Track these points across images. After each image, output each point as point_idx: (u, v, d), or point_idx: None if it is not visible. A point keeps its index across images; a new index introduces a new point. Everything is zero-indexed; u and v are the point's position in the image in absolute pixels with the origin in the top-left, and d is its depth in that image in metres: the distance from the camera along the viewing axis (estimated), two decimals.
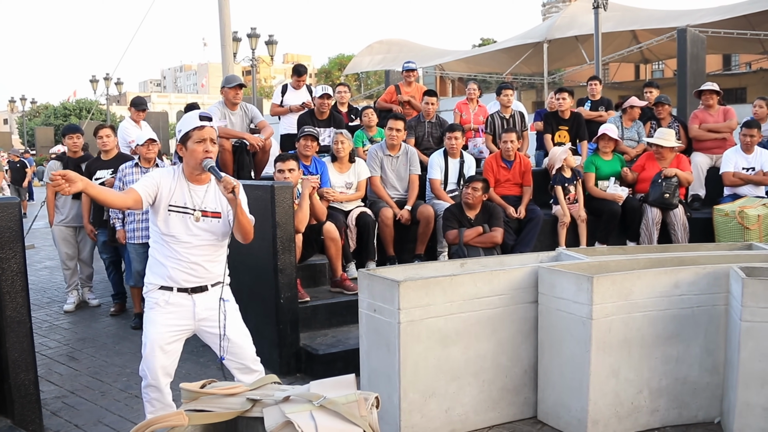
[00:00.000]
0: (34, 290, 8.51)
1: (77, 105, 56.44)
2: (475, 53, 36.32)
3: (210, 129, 3.55)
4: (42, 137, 37.00)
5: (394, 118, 7.22)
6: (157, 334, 3.58)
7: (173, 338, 3.63)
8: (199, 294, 3.63)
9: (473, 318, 4.20)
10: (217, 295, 3.66)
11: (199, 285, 3.63)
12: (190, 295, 3.62)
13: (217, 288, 3.68)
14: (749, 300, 3.87)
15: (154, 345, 3.58)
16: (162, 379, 3.62)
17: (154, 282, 3.63)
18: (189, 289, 3.61)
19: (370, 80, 48.82)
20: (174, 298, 3.60)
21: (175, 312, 3.61)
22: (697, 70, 11.67)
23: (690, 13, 26.41)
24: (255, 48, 27.18)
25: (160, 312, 3.60)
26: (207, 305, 3.64)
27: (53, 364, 5.81)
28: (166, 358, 3.61)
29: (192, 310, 3.63)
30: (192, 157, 3.52)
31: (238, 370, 3.73)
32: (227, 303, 3.68)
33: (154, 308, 3.61)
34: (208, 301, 3.65)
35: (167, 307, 3.60)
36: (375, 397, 2.31)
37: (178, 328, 3.63)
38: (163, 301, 3.60)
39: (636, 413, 4.21)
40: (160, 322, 3.59)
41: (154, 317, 3.60)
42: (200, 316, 3.64)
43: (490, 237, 6.37)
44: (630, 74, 39.24)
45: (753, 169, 7.61)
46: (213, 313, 3.64)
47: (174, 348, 3.66)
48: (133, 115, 9.02)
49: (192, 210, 3.57)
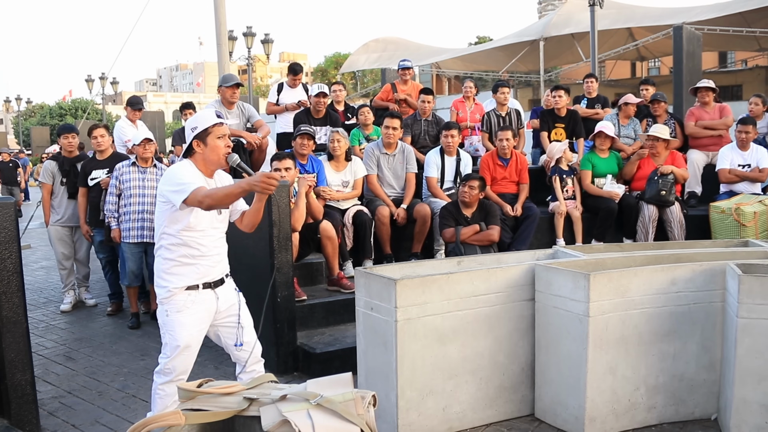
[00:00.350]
0: (30, 290, 8.49)
1: (73, 104, 56.32)
2: (472, 51, 36.27)
3: (226, 126, 3.70)
4: (37, 137, 36.95)
5: (390, 116, 7.23)
6: (190, 336, 3.66)
7: (200, 339, 3.74)
8: (220, 287, 3.76)
9: (470, 316, 4.21)
10: (231, 286, 3.85)
11: (221, 277, 3.77)
12: (214, 290, 3.72)
13: (229, 279, 3.85)
14: (746, 297, 3.88)
15: (189, 347, 3.67)
16: (184, 377, 3.74)
17: (177, 285, 3.64)
18: (212, 283, 3.71)
19: (366, 79, 48.79)
20: (200, 296, 3.68)
21: (201, 311, 3.69)
22: (693, 67, 11.66)
23: (686, 11, 26.41)
24: (251, 47, 27.15)
25: (187, 314, 3.65)
26: (226, 297, 3.78)
27: (50, 364, 5.80)
28: (192, 357, 3.74)
29: (215, 305, 3.73)
30: (214, 153, 3.63)
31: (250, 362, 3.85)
32: (240, 293, 3.88)
33: (182, 311, 3.64)
34: (226, 293, 3.79)
35: (194, 307, 3.66)
36: (372, 396, 2.31)
37: (206, 325, 3.74)
38: (190, 301, 3.65)
39: (633, 410, 4.22)
40: (190, 324, 3.65)
41: (183, 320, 3.64)
42: (220, 308, 3.75)
43: (486, 235, 6.38)
44: (626, 72, 39.25)
45: (749, 165, 7.61)
46: (230, 305, 3.79)
47: (198, 347, 3.77)
48: (130, 115, 9.00)
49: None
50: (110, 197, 6.73)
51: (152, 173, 6.75)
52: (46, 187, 7.53)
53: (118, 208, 6.69)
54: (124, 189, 6.67)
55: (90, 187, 7.21)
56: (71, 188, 7.46)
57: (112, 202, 6.71)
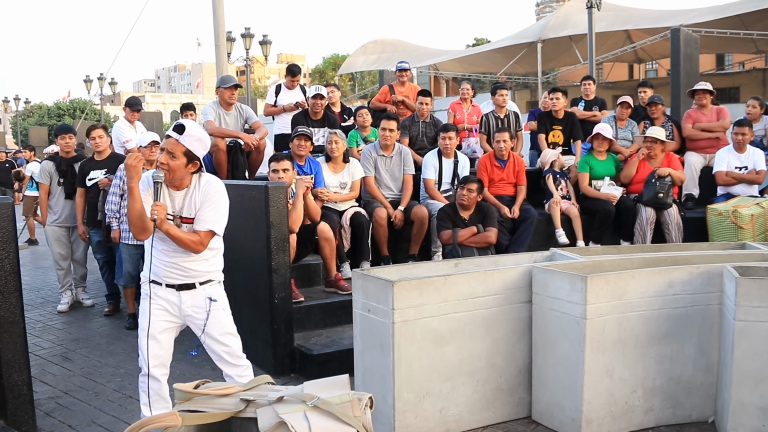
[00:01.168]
0: (27, 290, 8.48)
1: (71, 105, 56.25)
2: (469, 53, 36.30)
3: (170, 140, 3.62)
4: (36, 137, 36.83)
5: (387, 118, 7.22)
6: (151, 324, 3.70)
7: (163, 328, 3.76)
8: (186, 291, 3.76)
9: (467, 318, 4.21)
10: (205, 293, 3.79)
11: (185, 283, 3.75)
12: (178, 292, 3.75)
13: (206, 286, 3.80)
14: (743, 299, 3.88)
15: (145, 333, 3.71)
16: (157, 369, 3.74)
17: (146, 275, 3.78)
18: (176, 286, 3.75)
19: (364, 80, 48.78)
20: (162, 292, 3.75)
21: (162, 304, 3.75)
22: (690, 69, 11.67)
23: (683, 13, 26.46)
24: (249, 48, 27.14)
25: (150, 303, 3.72)
26: (193, 303, 3.77)
27: (47, 365, 5.79)
28: (158, 348, 3.74)
29: (179, 307, 3.76)
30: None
31: (219, 362, 3.87)
32: (214, 303, 3.79)
33: (145, 299, 3.75)
34: (194, 299, 3.77)
35: (156, 299, 3.74)
36: (369, 398, 2.31)
37: (167, 319, 3.77)
38: (153, 293, 3.73)
39: (630, 413, 4.22)
40: (152, 312, 3.70)
41: (145, 307, 3.73)
42: (186, 312, 3.77)
43: (484, 237, 6.38)
44: (624, 74, 39.27)
45: (746, 168, 7.62)
46: (198, 311, 3.78)
47: (165, 338, 3.79)
48: (128, 116, 9.00)
49: (172, 216, 3.70)
50: (113, 197, 6.72)
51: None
52: (43, 188, 7.53)
53: (120, 209, 6.69)
54: (127, 190, 6.64)
55: (88, 187, 7.20)
56: (68, 188, 7.45)
57: (114, 202, 6.70)
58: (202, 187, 3.72)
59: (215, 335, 3.79)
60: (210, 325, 3.77)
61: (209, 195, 3.70)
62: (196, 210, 3.68)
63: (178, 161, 3.60)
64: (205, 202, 3.68)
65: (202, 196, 3.69)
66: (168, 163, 3.59)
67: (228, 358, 3.84)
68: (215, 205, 3.71)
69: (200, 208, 3.67)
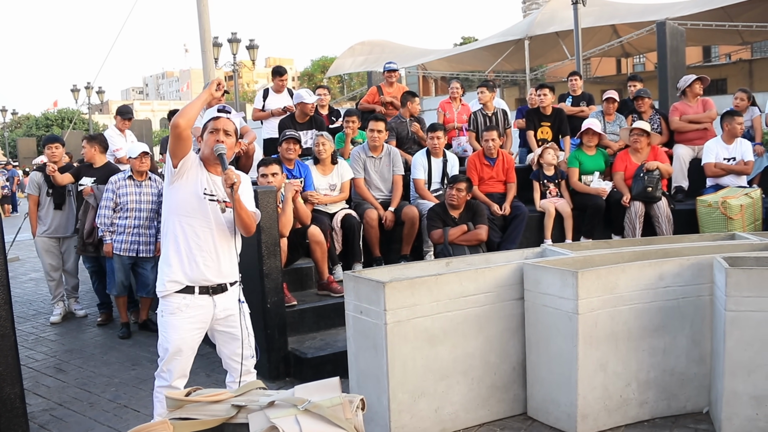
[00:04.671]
0: (19, 303, 8.45)
1: (59, 115, 56.13)
2: (457, 52, 36.34)
3: (225, 120, 3.61)
4: (24, 148, 36.70)
5: (375, 119, 7.21)
6: (182, 340, 3.60)
7: (192, 342, 3.65)
8: (219, 295, 3.66)
9: (460, 317, 4.21)
10: (235, 296, 3.73)
11: (220, 284, 3.65)
12: (211, 297, 3.64)
13: (235, 288, 3.74)
14: (733, 290, 3.89)
15: (180, 350, 3.61)
16: (182, 381, 3.67)
17: (173, 283, 3.60)
18: (210, 289, 3.62)
19: (353, 82, 48.78)
20: (195, 300, 3.60)
21: (195, 315, 3.61)
22: (677, 62, 11.71)
23: (669, 6, 26.57)
24: (236, 53, 27.13)
25: (180, 317, 3.59)
26: (226, 306, 3.69)
27: (40, 377, 5.77)
28: (185, 361, 3.66)
29: (212, 312, 3.65)
30: (206, 146, 3.61)
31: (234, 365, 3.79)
32: (243, 305, 3.74)
33: (175, 314, 3.59)
34: (227, 302, 3.69)
35: (188, 311, 3.60)
36: (360, 400, 2.31)
37: (200, 330, 3.67)
38: (184, 305, 3.59)
39: (625, 406, 4.23)
40: (184, 328, 3.60)
41: (176, 323, 3.59)
42: (218, 317, 3.68)
43: (474, 234, 6.38)
44: (611, 68, 39.40)
45: (734, 159, 7.64)
46: (231, 314, 3.70)
47: (192, 350, 3.69)
48: (119, 124, 8.99)
49: (219, 200, 3.60)
50: (105, 210, 6.68)
51: (147, 186, 6.75)
52: (32, 199, 7.51)
53: (112, 222, 6.67)
54: (121, 203, 6.64)
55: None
56: (57, 199, 7.45)
57: (107, 215, 6.67)
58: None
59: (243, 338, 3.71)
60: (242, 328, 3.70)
61: (244, 182, 3.67)
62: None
63: (232, 139, 3.62)
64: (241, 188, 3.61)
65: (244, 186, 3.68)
66: (226, 141, 3.58)
67: (250, 365, 3.80)
68: (250, 191, 3.75)
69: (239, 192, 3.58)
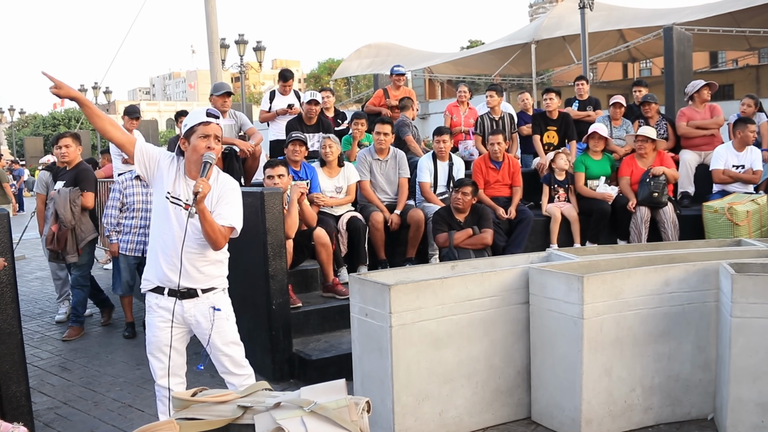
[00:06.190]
0: (25, 301, 8.47)
1: (66, 114, 56.27)
2: (464, 55, 36.44)
3: (216, 126, 3.51)
4: (31, 147, 36.82)
5: (382, 122, 7.21)
6: (155, 338, 3.63)
7: (166, 341, 3.60)
8: (188, 300, 3.59)
9: (465, 320, 4.21)
10: (209, 302, 3.63)
11: (188, 289, 3.57)
12: (180, 301, 3.58)
13: (209, 294, 3.63)
14: (739, 296, 3.89)
15: (150, 347, 3.66)
16: (164, 380, 3.65)
17: (146, 281, 3.64)
18: (178, 293, 3.56)
19: (359, 84, 48.83)
20: (163, 302, 3.59)
21: (165, 315, 3.58)
22: (684, 67, 11.67)
23: (676, 11, 26.57)
24: (243, 54, 27.19)
25: (153, 316, 3.63)
26: (196, 311, 3.61)
27: (45, 375, 5.78)
28: (163, 359, 3.63)
29: (181, 316, 3.61)
30: (194, 152, 3.48)
31: (223, 374, 3.77)
32: (218, 312, 3.63)
33: (149, 311, 3.66)
34: (197, 308, 3.61)
35: (159, 311, 3.61)
36: (366, 402, 2.31)
37: (175, 330, 3.61)
38: (154, 304, 3.62)
39: (629, 411, 4.22)
40: (157, 326, 3.62)
41: (149, 320, 3.65)
42: (189, 321, 3.64)
43: (480, 239, 6.38)
44: (618, 73, 39.42)
45: (743, 167, 7.59)
46: (203, 320, 3.62)
47: (174, 348, 3.63)
48: (127, 124, 9.01)
49: (186, 204, 3.50)
50: (112, 210, 6.70)
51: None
52: (40, 198, 7.53)
53: (118, 222, 6.68)
54: (128, 203, 6.65)
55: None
56: None
57: (113, 215, 6.69)
58: (220, 182, 3.59)
59: (219, 345, 3.65)
60: (214, 335, 3.63)
61: (227, 191, 3.58)
62: (213, 205, 3.51)
63: (219, 146, 3.53)
64: (223, 198, 3.54)
65: (219, 191, 3.55)
66: (215, 148, 3.49)
67: (231, 367, 3.73)
68: (234, 202, 3.58)
69: (218, 203, 3.52)
